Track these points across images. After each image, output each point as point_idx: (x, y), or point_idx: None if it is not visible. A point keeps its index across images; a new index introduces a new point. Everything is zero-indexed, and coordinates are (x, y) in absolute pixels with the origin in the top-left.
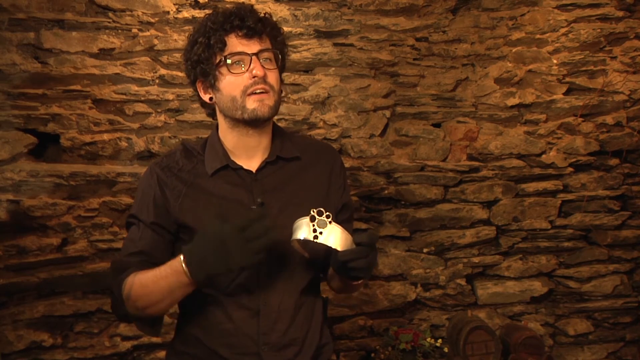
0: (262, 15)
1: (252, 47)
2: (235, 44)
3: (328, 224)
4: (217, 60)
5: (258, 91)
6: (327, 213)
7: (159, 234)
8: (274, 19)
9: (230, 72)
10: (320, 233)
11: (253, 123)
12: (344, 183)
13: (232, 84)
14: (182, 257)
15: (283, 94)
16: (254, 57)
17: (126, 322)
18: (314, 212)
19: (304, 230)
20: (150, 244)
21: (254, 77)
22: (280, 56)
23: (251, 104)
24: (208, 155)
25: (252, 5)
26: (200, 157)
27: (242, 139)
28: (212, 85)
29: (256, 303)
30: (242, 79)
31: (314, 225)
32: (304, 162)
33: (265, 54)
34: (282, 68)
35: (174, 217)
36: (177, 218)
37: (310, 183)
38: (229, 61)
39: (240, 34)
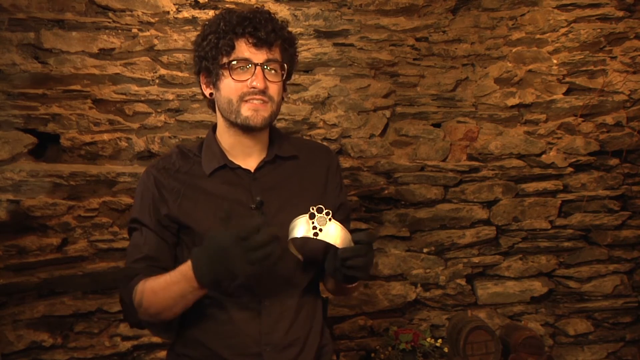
0: (278, 24)
1: (260, 56)
2: (243, 49)
3: (328, 221)
4: (222, 62)
5: (255, 100)
6: (327, 210)
7: (162, 236)
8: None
9: (231, 76)
10: (320, 230)
11: (246, 129)
12: (341, 183)
13: (231, 87)
14: (190, 262)
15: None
16: (258, 67)
17: (139, 328)
18: (313, 209)
19: (302, 228)
20: (155, 248)
21: (253, 87)
22: (286, 69)
23: (245, 111)
24: (205, 156)
25: (269, 13)
26: (197, 159)
27: (239, 139)
28: (214, 83)
29: (257, 303)
30: (241, 85)
31: (313, 223)
32: (301, 161)
33: (272, 65)
34: (288, 76)
35: (174, 218)
36: (177, 218)
37: (307, 182)
38: (233, 63)
39: (250, 40)
